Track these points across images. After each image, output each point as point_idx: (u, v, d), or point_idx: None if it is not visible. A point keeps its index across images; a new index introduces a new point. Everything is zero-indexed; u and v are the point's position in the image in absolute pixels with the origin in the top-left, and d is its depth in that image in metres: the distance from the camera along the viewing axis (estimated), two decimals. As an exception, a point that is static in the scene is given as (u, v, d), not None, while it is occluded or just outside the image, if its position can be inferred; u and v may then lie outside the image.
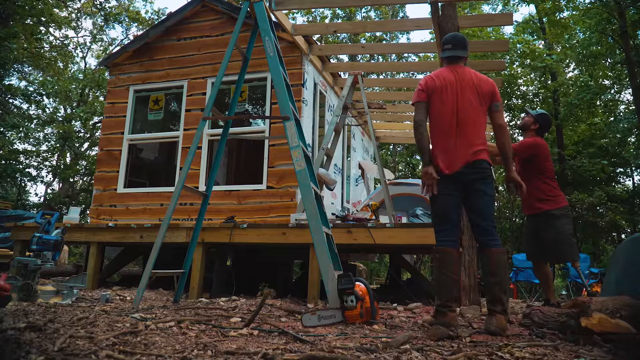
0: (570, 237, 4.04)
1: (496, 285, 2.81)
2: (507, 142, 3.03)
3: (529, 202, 4.14)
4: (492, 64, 7.43)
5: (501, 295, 2.78)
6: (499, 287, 2.80)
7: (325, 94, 7.38)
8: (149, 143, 8.23)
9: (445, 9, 4.62)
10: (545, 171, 4.07)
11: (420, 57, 17.06)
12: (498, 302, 2.76)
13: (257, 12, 3.91)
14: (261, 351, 1.92)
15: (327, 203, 6.40)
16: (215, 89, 3.96)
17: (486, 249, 2.89)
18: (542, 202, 4.03)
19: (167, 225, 3.70)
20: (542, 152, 4.09)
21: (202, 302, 4.15)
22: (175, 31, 7.13)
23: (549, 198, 4.03)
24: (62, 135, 17.63)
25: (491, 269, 2.83)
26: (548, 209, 4.00)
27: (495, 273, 2.82)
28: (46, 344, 1.83)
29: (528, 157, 4.04)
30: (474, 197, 2.94)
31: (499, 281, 2.81)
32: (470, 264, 4.11)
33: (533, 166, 4.05)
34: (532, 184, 3.98)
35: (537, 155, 4.06)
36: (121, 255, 6.89)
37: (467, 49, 3.17)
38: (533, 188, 4.02)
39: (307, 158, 3.68)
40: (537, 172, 4.06)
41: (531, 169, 4.03)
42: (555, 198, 4.04)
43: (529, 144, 4.07)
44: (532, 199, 4.07)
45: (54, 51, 18.26)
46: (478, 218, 2.94)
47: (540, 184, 4.05)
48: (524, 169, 4.07)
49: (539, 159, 4.06)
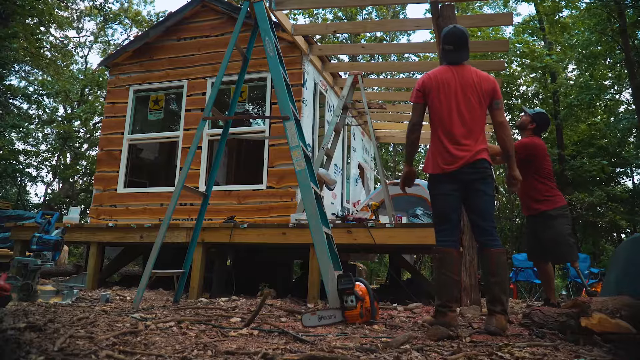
0: (568, 237, 4.03)
1: (496, 286, 2.80)
2: (509, 140, 3.02)
3: (526, 203, 4.14)
4: (492, 64, 7.43)
5: (501, 295, 2.77)
6: (499, 287, 2.80)
7: (325, 94, 7.38)
8: (149, 143, 8.23)
9: (445, 10, 4.62)
10: (542, 171, 4.06)
11: (420, 57, 17.07)
12: (498, 302, 2.76)
13: (257, 12, 3.91)
14: (261, 351, 1.92)
15: (327, 203, 6.40)
16: (215, 89, 3.96)
17: (486, 249, 2.88)
18: (539, 202, 4.03)
19: (167, 225, 3.70)
20: (539, 152, 4.07)
21: (202, 302, 4.15)
22: (175, 31, 7.13)
23: (546, 198, 4.02)
24: (62, 135, 17.63)
25: (491, 269, 2.83)
26: (545, 209, 4.00)
27: (495, 273, 2.82)
28: (46, 344, 1.83)
29: (525, 157, 4.02)
30: (474, 197, 2.93)
31: (499, 281, 2.81)
32: (471, 264, 4.11)
33: (530, 166, 4.03)
34: (529, 184, 3.98)
35: (534, 155, 4.04)
36: (121, 255, 6.89)
37: (469, 45, 3.13)
38: (530, 188, 4.01)
39: (307, 158, 3.68)
40: (534, 172, 4.05)
41: (528, 169, 4.01)
42: (553, 198, 4.03)
43: (526, 144, 4.06)
44: (529, 199, 4.07)
45: (55, 51, 18.26)
46: (478, 218, 2.94)
47: (537, 184, 4.04)
48: (521, 169, 4.07)
49: (536, 159, 4.05)
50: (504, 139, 3.01)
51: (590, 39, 13.39)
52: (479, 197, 2.92)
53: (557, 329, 2.67)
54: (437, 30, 4.92)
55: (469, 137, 2.93)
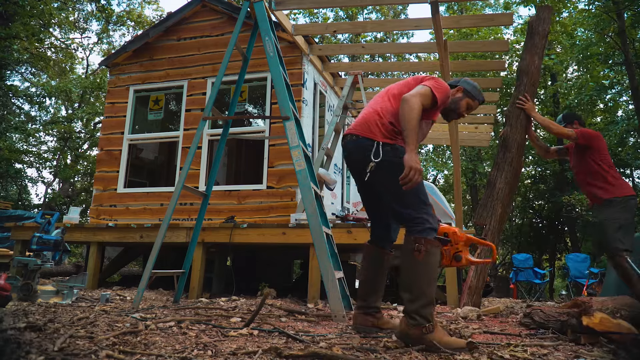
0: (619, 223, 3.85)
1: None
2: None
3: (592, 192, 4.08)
4: (492, 64, 7.43)
5: (403, 293, 2.39)
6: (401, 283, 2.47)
7: (325, 94, 7.38)
8: (149, 143, 8.23)
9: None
10: (606, 161, 3.99)
11: (420, 57, 17.06)
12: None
13: (257, 12, 3.91)
14: (258, 351, 1.92)
15: (327, 203, 6.40)
16: (215, 89, 3.96)
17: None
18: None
19: (167, 225, 3.70)
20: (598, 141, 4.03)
21: (202, 302, 4.15)
22: (175, 31, 7.13)
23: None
24: (63, 135, 17.63)
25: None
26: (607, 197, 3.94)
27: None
28: (46, 344, 1.83)
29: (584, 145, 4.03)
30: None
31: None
32: (483, 269, 4.09)
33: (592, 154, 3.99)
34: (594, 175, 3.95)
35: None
36: (121, 255, 6.90)
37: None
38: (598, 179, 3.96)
39: (307, 158, 3.68)
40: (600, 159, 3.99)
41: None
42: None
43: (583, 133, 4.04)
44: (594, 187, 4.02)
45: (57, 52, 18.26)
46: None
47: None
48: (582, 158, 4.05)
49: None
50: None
51: (590, 39, 13.39)
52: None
53: (558, 329, 2.67)
54: (437, 30, 4.93)
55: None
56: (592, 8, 12.37)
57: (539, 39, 4.44)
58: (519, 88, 4.32)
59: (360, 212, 6.53)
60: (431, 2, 4.73)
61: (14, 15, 13.05)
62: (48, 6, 14.22)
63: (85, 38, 21.89)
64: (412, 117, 2.35)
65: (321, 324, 3.01)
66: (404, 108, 2.38)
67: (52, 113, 19.18)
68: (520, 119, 4.23)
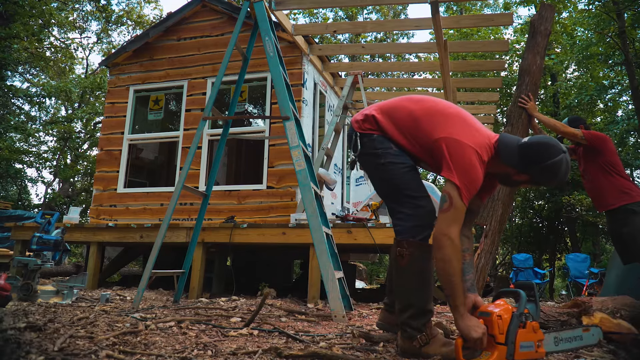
0: None
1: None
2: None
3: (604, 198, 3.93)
4: (492, 64, 7.43)
5: (396, 305, 2.12)
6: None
7: (325, 94, 7.38)
8: (149, 143, 8.23)
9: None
10: (616, 165, 3.85)
11: (420, 57, 17.06)
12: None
13: (257, 12, 3.91)
14: (258, 351, 1.92)
15: (327, 203, 6.40)
16: (215, 89, 3.96)
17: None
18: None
19: (167, 225, 3.70)
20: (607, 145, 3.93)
21: (202, 302, 4.15)
22: (175, 31, 7.13)
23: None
24: (63, 135, 17.63)
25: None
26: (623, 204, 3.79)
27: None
28: (46, 344, 1.83)
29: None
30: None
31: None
32: (483, 269, 4.08)
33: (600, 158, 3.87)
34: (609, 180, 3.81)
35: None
36: (121, 255, 6.89)
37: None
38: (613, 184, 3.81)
39: (307, 158, 3.68)
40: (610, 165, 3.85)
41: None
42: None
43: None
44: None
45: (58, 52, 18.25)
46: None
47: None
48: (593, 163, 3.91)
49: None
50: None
51: (590, 39, 13.39)
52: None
53: (557, 328, 2.67)
54: (437, 30, 4.93)
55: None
56: (592, 8, 12.38)
57: (541, 38, 4.43)
58: (521, 87, 4.31)
59: (360, 212, 6.52)
60: (431, 2, 4.73)
61: (14, 15, 13.05)
62: (48, 6, 14.22)
63: (85, 38, 21.84)
64: (447, 272, 1.87)
65: (321, 324, 3.01)
66: (438, 264, 1.91)
67: (52, 113, 19.20)
68: (521, 118, 4.22)
